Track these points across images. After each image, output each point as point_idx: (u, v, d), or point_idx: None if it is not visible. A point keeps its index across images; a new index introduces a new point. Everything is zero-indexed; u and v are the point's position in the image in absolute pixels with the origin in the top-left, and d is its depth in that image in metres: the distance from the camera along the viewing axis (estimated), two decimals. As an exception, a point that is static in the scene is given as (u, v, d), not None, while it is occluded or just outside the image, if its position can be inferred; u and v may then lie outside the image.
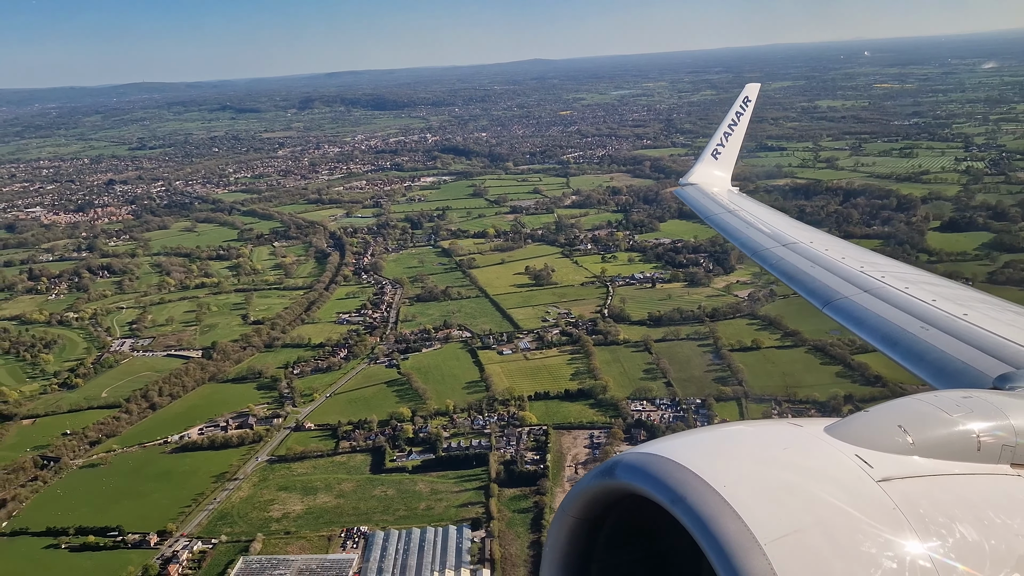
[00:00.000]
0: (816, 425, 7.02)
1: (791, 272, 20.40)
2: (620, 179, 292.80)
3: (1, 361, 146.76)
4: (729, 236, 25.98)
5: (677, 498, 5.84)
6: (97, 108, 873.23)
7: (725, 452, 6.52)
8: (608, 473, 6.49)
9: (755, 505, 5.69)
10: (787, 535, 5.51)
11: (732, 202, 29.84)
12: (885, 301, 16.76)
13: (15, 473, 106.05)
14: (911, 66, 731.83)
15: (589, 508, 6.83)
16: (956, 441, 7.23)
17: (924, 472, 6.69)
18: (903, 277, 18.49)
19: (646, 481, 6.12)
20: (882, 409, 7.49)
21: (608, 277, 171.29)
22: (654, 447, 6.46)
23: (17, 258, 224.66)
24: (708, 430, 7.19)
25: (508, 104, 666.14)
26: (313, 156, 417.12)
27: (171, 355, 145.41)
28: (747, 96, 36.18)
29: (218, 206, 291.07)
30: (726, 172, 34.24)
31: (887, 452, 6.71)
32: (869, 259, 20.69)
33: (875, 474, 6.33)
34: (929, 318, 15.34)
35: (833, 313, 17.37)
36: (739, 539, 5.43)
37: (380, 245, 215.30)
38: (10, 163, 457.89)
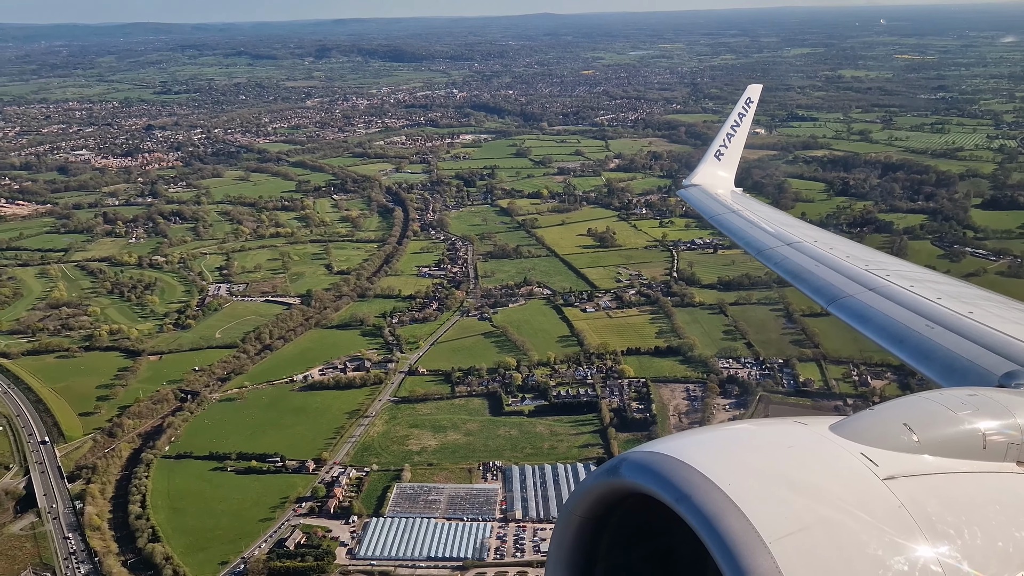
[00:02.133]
0: (821, 423, 7.06)
1: (796, 271, 20.54)
2: (658, 144, 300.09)
3: (108, 301, 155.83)
4: (733, 236, 26.18)
5: (682, 496, 5.86)
6: (108, 48, 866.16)
7: (730, 451, 6.59)
8: (613, 472, 6.51)
9: (760, 503, 5.72)
10: (792, 533, 5.51)
11: (736, 202, 29.90)
12: (890, 299, 16.85)
13: (160, 403, 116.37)
14: (929, 37, 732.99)
15: (594, 507, 6.88)
16: (962, 439, 7.23)
17: (930, 470, 6.70)
18: (908, 275, 18.52)
19: (651, 480, 6.14)
20: (887, 407, 7.56)
21: (669, 241, 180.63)
22: (658, 446, 6.52)
23: (84, 201, 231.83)
24: (713, 429, 7.36)
25: (527, 61, 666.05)
26: (343, 108, 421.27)
27: (269, 301, 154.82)
28: (749, 97, 36.16)
29: (264, 156, 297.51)
30: (729, 173, 34.36)
31: (892, 450, 6.75)
32: (874, 258, 20.78)
33: (880, 472, 6.32)
34: (934, 316, 15.40)
35: (838, 312, 17.53)
36: (744, 537, 5.45)
37: (438, 202, 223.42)
38: (39, 103, 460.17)
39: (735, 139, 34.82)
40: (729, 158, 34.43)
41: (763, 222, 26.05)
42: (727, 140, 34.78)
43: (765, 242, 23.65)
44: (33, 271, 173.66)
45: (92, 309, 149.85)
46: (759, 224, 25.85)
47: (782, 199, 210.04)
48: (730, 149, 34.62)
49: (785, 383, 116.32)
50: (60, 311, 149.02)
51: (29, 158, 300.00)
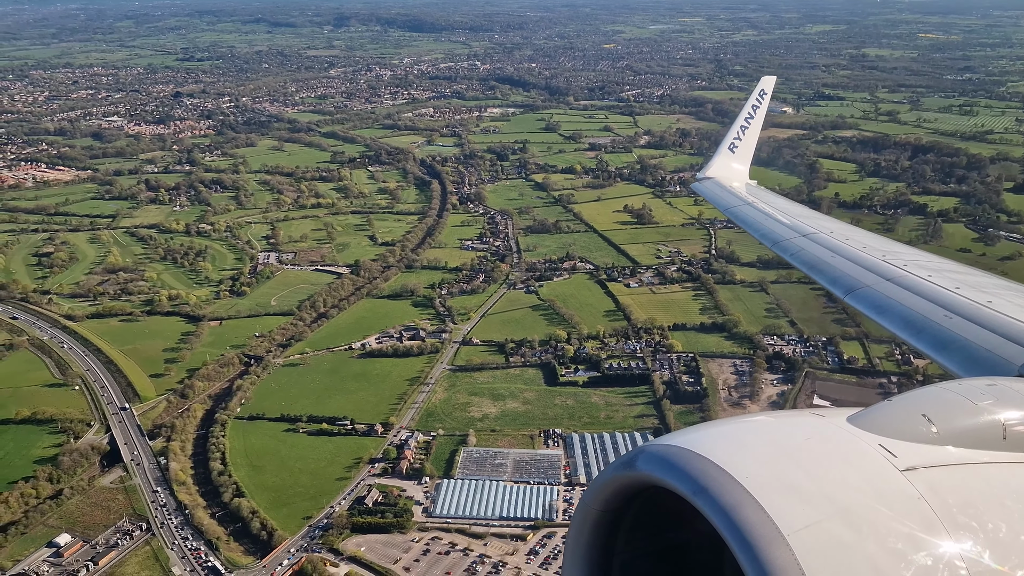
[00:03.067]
0: (839, 415, 7.05)
1: (812, 262, 20.48)
2: (685, 121, 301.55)
3: (161, 267, 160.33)
4: (749, 228, 26.12)
5: (699, 489, 5.87)
6: (125, 13, 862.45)
7: (747, 443, 6.55)
8: (630, 465, 6.54)
9: (778, 496, 5.72)
10: (810, 526, 5.50)
11: (751, 194, 29.80)
12: (908, 289, 16.82)
13: (226, 367, 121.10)
14: (952, 15, 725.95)
15: (611, 500, 6.90)
16: (982, 430, 7.21)
17: (949, 461, 6.64)
18: (925, 265, 18.45)
19: (668, 472, 6.15)
20: (906, 398, 7.57)
21: (705, 220, 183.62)
22: (675, 439, 6.48)
23: (124, 168, 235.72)
24: (730, 421, 7.18)
25: (547, 33, 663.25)
26: (368, 78, 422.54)
27: (319, 270, 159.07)
28: (763, 89, 35.78)
29: (294, 126, 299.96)
30: (744, 165, 34.11)
31: (911, 441, 6.70)
32: (890, 248, 20.72)
33: (899, 464, 6.30)
34: (953, 306, 15.35)
35: (856, 302, 17.43)
36: (762, 530, 5.45)
37: (473, 175, 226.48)
38: (64, 68, 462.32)
39: (749, 131, 34.95)
40: (743, 150, 34.52)
41: (778, 214, 26.14)
42: (741, 132, 34.91)
43: (781, 233, 23.72)
44: (84, 236, 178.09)
45: (148, 275, 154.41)
46: (774, 216, 25.89)
47: (814, 179, 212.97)
48: (744, 141, 34.69)
49: (830, 360, 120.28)
50: (117, 276, 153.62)
51: (62, 123, 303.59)
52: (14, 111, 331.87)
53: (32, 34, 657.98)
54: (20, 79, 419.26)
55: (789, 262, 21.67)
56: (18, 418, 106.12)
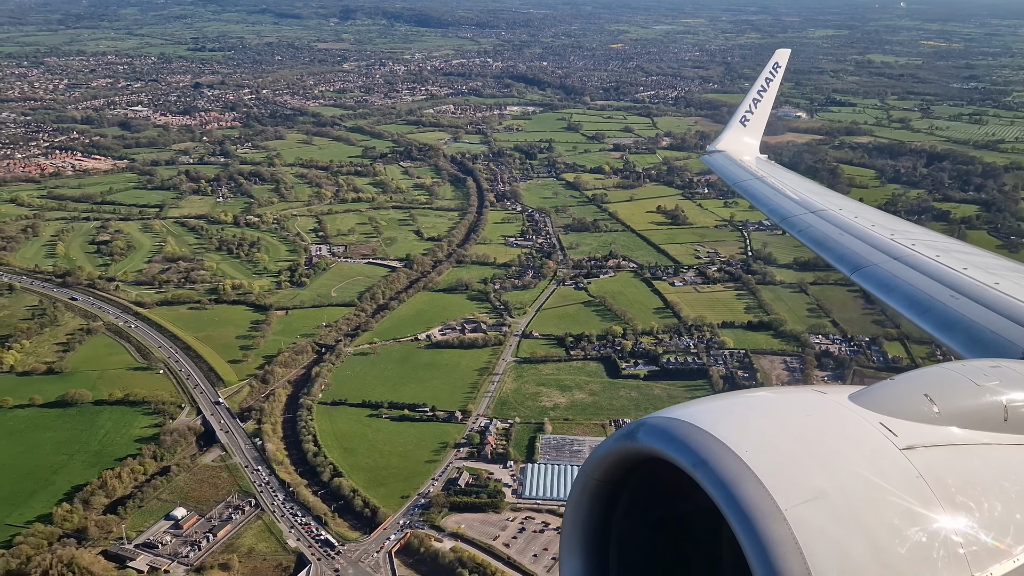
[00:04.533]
0: (840, 392, 7.09)
1: (820, 239, 20.48)
2: (702, 123, 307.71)
3: (218, 257, 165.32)
4: (757, 203, 26.06)
5: (699, 462, 5.91)
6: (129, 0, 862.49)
7: (748, 418, 6.61)
8: (630, 436, 6.56)
9: (777, 471, 5.77)
10: (808, 501, 5.56)
11: (761, 169, 29.64)
12: (915, 269, 16.79)
13: (301, 355, 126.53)
14: (951, 23, 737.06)
15: (610, 471, 6.94)
16: (983, 411, 7.23)
17: (949, 441, 6.70)
18: (934, 245, 18.39)
19: (668, 445, 6.18)
20: (908, 377, 7.61)
21: (738, 221, 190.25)
22: (676, 412, 6.53)
23: (160, 158, 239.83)
24: (731, 396, 7.22)
25: (553, 32, 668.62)
26: (383, 73, 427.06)
27: (371, 263, 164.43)
28: (776, 62, 35.35)
29: (319, 119, 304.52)
30: (755, 139, 33.99)
31: (912, 421, 6.74)
32: (899, 227, 20.67)
33: (899, 442, 6.34)
34: (960, 287, 15.31)
35: (862, 280, 17.46)
36: (760, 504, 5.51)
37: (505, 173, 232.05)
38: (77, 55, 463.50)
39: (761, 105, 34.61)
40: (755, 124, 34.34)
41: (788, 189, 25.98)
42: (753, 106, 34.59)
43: (789, 209, 23.68)
44: (136, 225, 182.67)
45: (208, 264, 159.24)
46: (783, 191, 25.82)
47: (836, 184, 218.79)
48: (756, 115, 34.43)
49: (875, 359, 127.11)
50: (178, 265, 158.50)
51: (88, 112, 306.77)
52: (36, 98, 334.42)
53: (37, 19, 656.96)
54: (36, 66, 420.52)
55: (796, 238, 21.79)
56: (112, 399, 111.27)
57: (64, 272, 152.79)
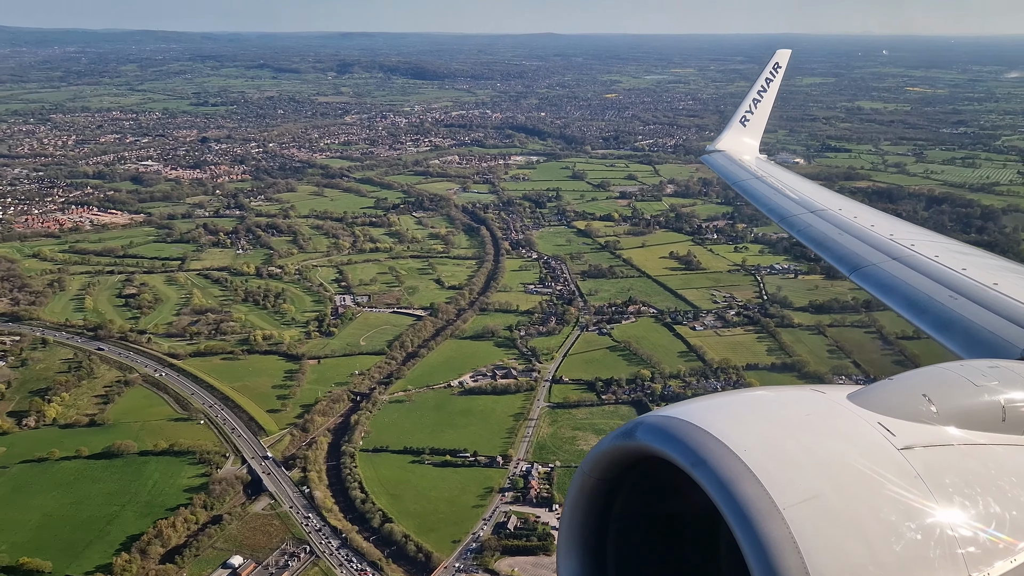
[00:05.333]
0: (839, 392, 7.17)
1: (819, 239, 20.53)
2: (704, 171, 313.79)
3: (245, 308, 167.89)
4: (757, 202, 26.07)
5: (698, 461, 5.94)
6: (126, 56, 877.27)
7: (746, 417, 6.63)
8: (629, 434, 6.59)
9: (775, 470, 5.80)
10: (806, 500, 5.59)
11: (760, 169, 29.70)
12: (914, 269, 16.75)
13: (337, 403, 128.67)
14: (934, 69, 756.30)
15: (609, 468, 6.97)
16: (981, 411, 7.28)
17: (947, 441, 6.74)
18: (933, 245, 18.40)
19: (667, 443, 6.22)
20: (906, 377, 7.67)
21: (750, 266, 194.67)
22: (675, 410, 6.59)
23: (176, 212, 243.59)
24: (729, 394, 7.31)
25: (548, 82, 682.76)
26: (385, 125, 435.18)
27: (396, 312, 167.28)
28: (777, 62, 35.44)
29: (327, 172, 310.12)
30: (755, 139, 34.05)
31: (910, 420, 6.79)
32: (899, 227, 20.65)
33: (897, 442, 6.38)
34: (958, 287, 15.27)
35: (861, 280, 17.47)
36: (758, 503, 5.54)
37: (517, 222, 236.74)
38: (82, 111, 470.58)
39: (761, 105, 34.80)
40: (755, 124, 34.49)
41: (787, 189, 26.06)
42: (753, 106, 34.71)
43: (789, 209, 23.77)
44: (160, 278, 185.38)
45: (237, 316, 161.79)
46: (783, 191, 25.85)
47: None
48: (756, 115, 34.57)
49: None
50: (207, 316, 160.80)
51: (99, 167, 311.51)
52: (47, 155, 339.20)
53: (39, 76, 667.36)
54: (43, 122, 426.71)
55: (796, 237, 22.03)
56: (157, 450, 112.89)
57: (96, 325, 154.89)
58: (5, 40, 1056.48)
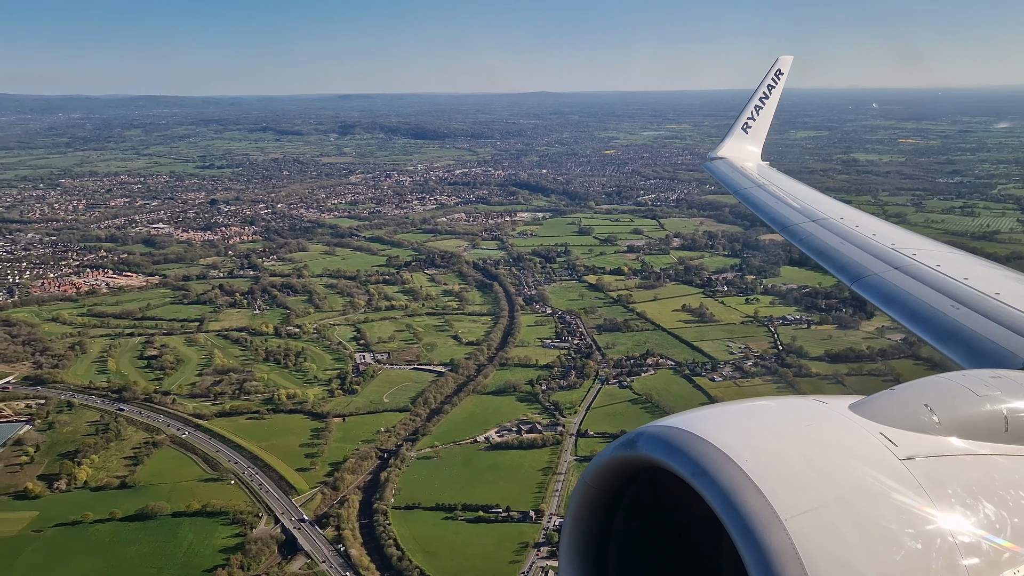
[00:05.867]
0: (840, 402, 7.19)
1: (821, 248, 20.49)
2: (708, 224, 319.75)
3: (267, 367, 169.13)
4: (758, 211, 26.22)
5: (699, 471, 5.97)
6: (131, 122, 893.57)
7: (747, 426, 6.67)
8: (630, 445, 6.64)
9: (777, 480, 5.82)
10: (808, 511, 5.59)
11: (762, 176, 29.97)
12: (916, 279, 16.73)
13: (365, 460, 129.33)
14: (925, 121, 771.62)
15: (610, 479, 7.03)
16: (984, 421, 7.27)
17: (949, 452, 6.73)
18: (935, 255, 18.42)
19: (668, 453, 6.25)
20: (908, 387, 7.69)
21: (763, 317, 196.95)
22: (676, 420, 6.66)
23: (191, 273, 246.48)
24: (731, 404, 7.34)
25: (546, 140, 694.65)
26: (390, 184, 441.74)
27: (417, 368, 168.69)
28: (779, 69, 35.17)
29: (336, 231, 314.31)
30: (757, 146, 34.37)
31: (912, 431, 6.79)
32: (901, 237, 20.74)
33: (899, 452, 6.39)
34: (960, 297, 15.29)
35: (862, 290, 17.53)
36: (760, 514, 5.55)
37: (528, 277, 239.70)
38: (89, 176, 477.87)
39: (763, 112, 34.96)
40: (756, 131, 34.78)
41: (789, 198, 26.12)
42: (755, 113, 34.74)
43: (791, 218, 23.72)
44: (180, 339, 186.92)
45: (259, 375, 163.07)
46: (785, 200, 25.90)
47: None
48: (758, 122, 34.77)
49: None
50: (229, 376, 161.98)
51: (111, 231, 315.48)
52: (58, 219, 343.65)
53: (46, 143, 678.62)
54: (52, 187, 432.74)
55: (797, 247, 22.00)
56: (190, 511, 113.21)
57: (120, 387, 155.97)
58: (11, 108, 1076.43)
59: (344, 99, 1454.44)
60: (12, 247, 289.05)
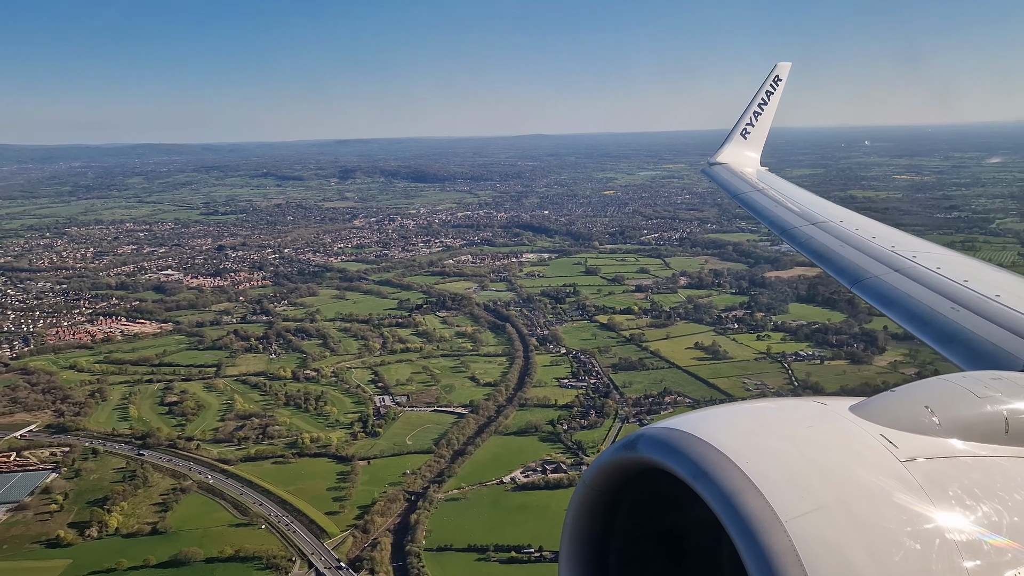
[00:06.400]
0: (841, 404, 7.24)
1: (820, 251, 20.58)
2: (713, 262, 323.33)
3: (288, 411, 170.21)
4: (759, 215, 26.60)
5: (699, 473, 5.99)
6: (132, 169, 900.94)
7: (748, 428, 6.70)
8: (631, 447, 6.68)
9: (777, 482, 5.85)
10: (809, 513, 5.61)
11: (762, 181, 30.33)
12: (915, 281, 16.78)
13: (394, 503, 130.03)
14: (917, 158, 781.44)
15: (610, 481, 7.07)
16: (984, 422, 7.31)
17: (950, 453, 6.77)
18: (934, 257, 18.45)
19: (668, 455, 6.28)
20: (909, 389, 7.72)
21: (775, 354, 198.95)
22: (676, 422, 6.68)
23: (204, 319, 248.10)
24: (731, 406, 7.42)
25: (545, 181, 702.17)
26: (395, 228, 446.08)
27: (437, 411, 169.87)
28: (778, 75, 35.38)
29: (345, 275, 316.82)
30: (756, 152, 34.59)
31: (913, 432, 6.82)
32: (900, 239, 20.80)
33: (900, 454, 6.42)
34: (960, 299, 15.34)
35: (862, 292, 17.60)
36: (761, 516, 5.58)
37: (540, 318, 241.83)
38: (95, 224, 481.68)
39: (762, 117, 35.23)
40: (755, 136, 35.09)
41: (789, 201, 26.32)
42: (754, 118, 35.07)
43: (791, 221, 23.84)
44: (198, 385, 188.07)
45: (281, 419, 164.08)
46: (784, 203, 26.13)
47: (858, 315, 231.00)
48: (756, 127, 35.08)
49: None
50: (251, 421, 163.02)
51: (121, 278, 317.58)
52: (67, 267, 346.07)
53: (49, 192, 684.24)
54: (59, 236, 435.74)
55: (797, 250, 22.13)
56: (223, 556, 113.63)
57: (143, 434, 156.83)
58: (11, 158, 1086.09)
59: (342, 144, 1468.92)
60: (24, 296, 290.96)
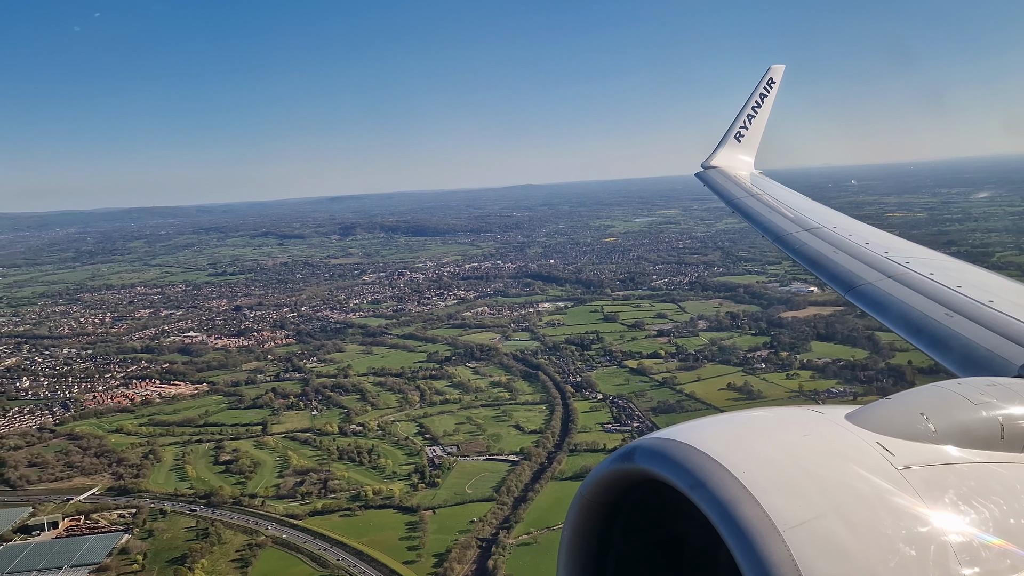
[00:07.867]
0: (837, 411, 7.31)
1: (814, 257, 20.51)
2: (726, 305, 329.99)
3: (343, 465, 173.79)
4: (752, 221, 26.31)
5: (696, 483, 5.99)
6: (131, 233, 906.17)
7: (744, 438, 6.70)
8: (627, 458, 6.71)
9: (774, 491, 5.84)
10: (806, 522, 5.61)
11: (755, 185, 30.26)
12: (909, 287, 16.89)
13: (468, 550, 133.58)
14: (905, 195, 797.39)
15: (607, 492, 7.17)
16: (980, 429, 7.30)
17: (946, 460, 6.78)
18: (928, 263, 18.57)
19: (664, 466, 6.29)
20: (904, 396, 7.72)
21: (807, 391, 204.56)
22: (672, 432, 6.68)
23: (239, 379, 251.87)
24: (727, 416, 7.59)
25: (545, 231, 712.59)
26: (405, 282, 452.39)
27: (489, 459, 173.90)
28: (771, 78, 35.22)
29: (367, 330, 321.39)
30: (750, 155, 34.48)
31: (908, 440, 6.83)
32: (894, 245, 20.91)
33: (896, 462, 6.41)
34: (954, 305, 15.33)
35: (856, 299, 17.84)
36: (758, 525, 5.57)
37: (570, 365, 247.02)
38: (106, 289, 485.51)
39: (756, 120, 34.89)
40: (749, 140, 34.73)
41: (783, 207, 26.34)
42: (748, 122, 34.72)
43: (784, 228, 23.70)
44: (248, 443, 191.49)
45: (340, 473, 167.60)
46: (778, 209, 26.07)
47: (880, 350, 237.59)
48: (750, 131, 34.71)
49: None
50: (310, 476, 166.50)
51: (145, 342, 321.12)
52: (87, 332, 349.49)
53: (51, 258, 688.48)
54: (72, 302, 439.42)
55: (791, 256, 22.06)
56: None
57: (207, 492, 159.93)
58: (7, 226, 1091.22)
59: (335, 201, 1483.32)
60: (52, 363, 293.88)
